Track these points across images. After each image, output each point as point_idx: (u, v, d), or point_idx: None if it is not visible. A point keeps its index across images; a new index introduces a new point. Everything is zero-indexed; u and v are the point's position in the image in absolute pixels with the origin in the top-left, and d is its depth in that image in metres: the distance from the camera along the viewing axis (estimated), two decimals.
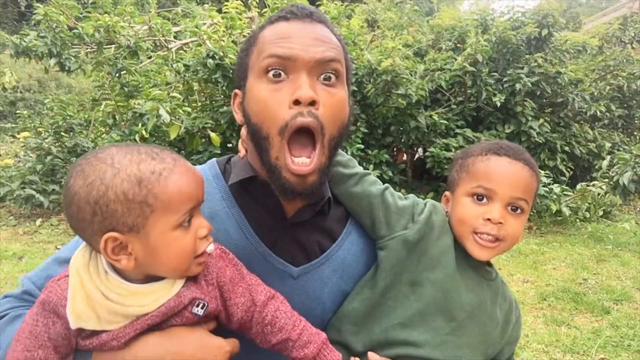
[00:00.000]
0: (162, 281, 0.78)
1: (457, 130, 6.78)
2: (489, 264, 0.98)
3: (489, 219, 0.89)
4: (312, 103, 0.83)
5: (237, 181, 0.94)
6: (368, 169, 6.42)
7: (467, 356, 0.89)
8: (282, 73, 0.84)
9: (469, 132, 6.71)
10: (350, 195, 0.98)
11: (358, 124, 6.50)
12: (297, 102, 0.82)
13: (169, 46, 6.03)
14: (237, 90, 0.96)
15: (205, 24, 6.33)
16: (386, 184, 1.03)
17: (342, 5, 6.73)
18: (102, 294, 0.74)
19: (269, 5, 6.38)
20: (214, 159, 1.05)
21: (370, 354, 0.90)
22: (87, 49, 5.80)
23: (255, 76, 0.87)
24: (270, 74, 0.84)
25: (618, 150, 7.05)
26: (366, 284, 0.96)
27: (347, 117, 0.92)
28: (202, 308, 0.80)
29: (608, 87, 7.59)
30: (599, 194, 5.80)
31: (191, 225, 0.76)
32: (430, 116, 6.63)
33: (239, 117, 0.95)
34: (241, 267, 0.87)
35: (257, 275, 0.88)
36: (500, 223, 0.89)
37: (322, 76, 0.86)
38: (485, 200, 0.91)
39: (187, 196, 0.74)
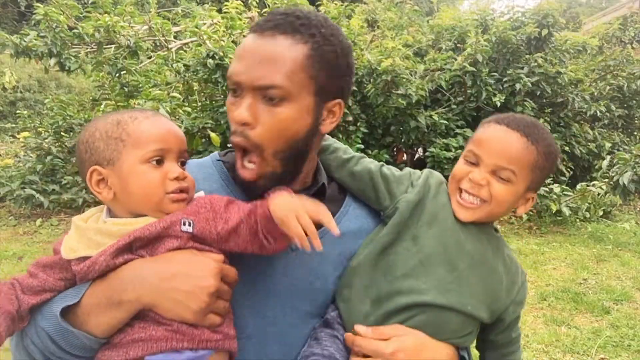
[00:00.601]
0: (148, 217, 0.84)
1: (457, 130, 6.78)
2: (495, 229, 1.03)
3: (471, 179, 0.94)
4: (245, 124, 0.88)
5: (229, 163, 1.03)
6: None
7: (473, 305, 0.92)
8: (237, 90, 0.91)
9: (469, 132, 6.71)
10: (353, 174, 1.05)
11: (358, 124, 6.50)
12: (233, 121, 0.90)
13: (169, 46, 6.03)
14: None
15: (205, 24, 6.34)
16: (382, 162, 1.10)
17: (342, 5, 6.74)
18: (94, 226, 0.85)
19: (269, 5, 6.39)
20: (217, 152, 1.12)
21: (356, 326, 0.93)
22: (87, 48, 5.80)
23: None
24: (232, 92, 0.92)
25: (618, 150, 7.06)
26: (371, 240, 1.01)
27: (300, 130, 0.92)
28: (189, 225, 0.83)
29: (608, 87, 7.59)
30: (599, 194, 5.80)
31: (163, 166, 0.85)
32: (430, 116, 6.63)
33: None
34: (227, 199, 0.91)
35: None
36: (481, 185, 0.93)
37: (266, 97, 0.88)
38: (475, 163, 0.97)
39: (156, 137, 0.84)
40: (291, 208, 0.79)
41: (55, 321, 0.79)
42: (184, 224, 0.83)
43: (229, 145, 1.07)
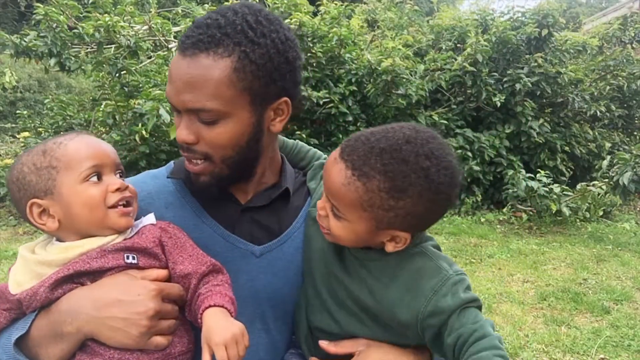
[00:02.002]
0: (92, 238, 0.84)
1: (457, 130, 6.78)
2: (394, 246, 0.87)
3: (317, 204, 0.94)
4: (189, 144, 0.89)
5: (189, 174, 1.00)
6: None
7: (380, 335, 0.89)
8: (176, 108, 0.89)
9: (469, 132, 6.71)
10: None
11: (358, 124, 6.50)
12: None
13: (169, 46, 6.03)
14: None
15: None
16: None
17: (342, 5, 6.73)
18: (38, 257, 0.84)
19: (268, 5, 6.39)
20: (173, 160, 1.11)
21: (320, 342, 0.91)
22: (87, 48, 5.80)
23: None
24: (172, 107, 0.92)
25: (618, 150, 7.05)
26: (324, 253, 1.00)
27: (243, 139, 0.90)
28: (133, 259, 0.83)
29: (608, 87, 7.59)
30: (599, 194, 5.80)
31: (102, 181, 0.85)
32: (430, 116, 6.63)
33: None
34: (185, 239, 0.90)
35: (219, 256, 0.91)
36: (320, 214, 0.90)
37: (200, 119, 0.87)
38: None
39: (86, 155, 0.84)
40: (225, 339, 0.74)
41: (10, 352, 0.79)
42: (128, 258, 0.83)
43: None
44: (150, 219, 0.90)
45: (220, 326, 0.76)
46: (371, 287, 0.87)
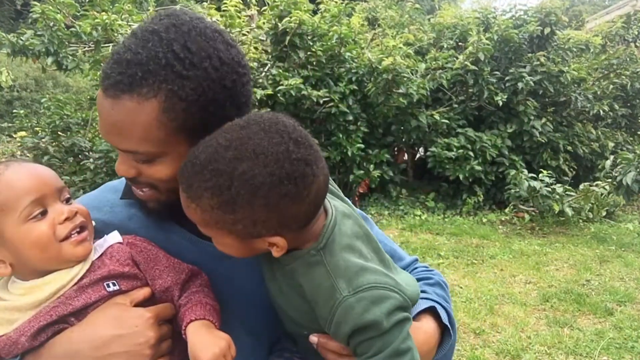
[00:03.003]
0: (57, 272, 0.79)
1: (459, 130, 6.79)
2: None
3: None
4: (131, 179, 0.85)
5: None
6: (369, 169, 6.46)
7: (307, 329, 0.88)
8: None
9: (470, 132, 6.72)
10: None
11: (358, 123, 6.50)
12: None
13: None
14: None
15: None
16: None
17: (342, 3, 6.74)
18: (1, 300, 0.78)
19: (268, 3, 6.39)
20: None
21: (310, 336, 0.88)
22: (84, 47, 5.80)
23: None
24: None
25: (621, 149, 7.06)
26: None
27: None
28: (114, 285, 0.79)
29: (611, 86, 7.59)
30: (602, 194, 5.80)
31: (47, 215, 0.77)
32: (432, 115, 6.63)
33: None
34: (157, 251, 0.87)
35: (192, 261, 0.88)
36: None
37: (134, 157, 0.83)
38: None
39: (23, 190, 0.76)
40: (213, 356, 0.73)
41: None
42: (109, 286, 0.79)
43: None
44: (115, 237, 0.85)
45: (205, 342, 0.75)
46: (288, 291, 0.85)
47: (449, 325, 0.94)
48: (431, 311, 0.95)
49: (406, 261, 1.10)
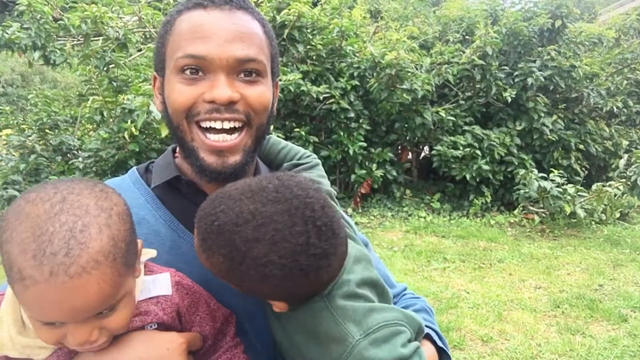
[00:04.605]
0: None
1: (466, 127, 6.79)
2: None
3: None
4: (232, 103, 0.86)
5: (162, 183, 0.96)
6: (371, 168, 6.47)
7: None
8: (199, 71, 0.86)
9: (477, 130, 6.72)
10: None
11: (360, 121, 6.50)
12: (212, 102, 0.86)
13: None
14: (156, 74, 0.99)
15: None
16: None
17: None
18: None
19: None
20: (135, 167, 1.07)
21: None
22: (73, 41, 5.80)
23: (171, 71, 0.89)
24: (187, 72, 0.87)
25: (636, 148, 7.06)
26: None
27: (272, 107, 0.96)
28: (154, 326, 0.80)
29: (625, 82, 7.60)
30: (615, 195, 5.80)
31: (64, 326, 0.71)
32: (437, 112, 6.63)
33: (158, 103, 0.98)
34: (199, 293, 0.88)
35: (199, 273, 0.89)
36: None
37: (242, 74, 0.88)
38: None
39: (40, 314, 0.69)
40: None
41: None
42: (150, 327, 0.80)
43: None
44: (165, 284, 0.83)
45: None
46: (292, 335, 0.88)
47: (445, 348, 1.00)
48: (426, 337, 0.99)
49: (397, 289, 1.14)
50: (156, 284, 0.83)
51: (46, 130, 6.45)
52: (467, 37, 7.66)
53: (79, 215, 0.68)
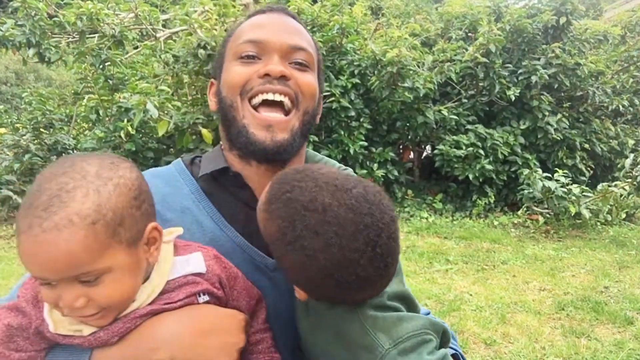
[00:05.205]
0: (148, 280, 0.80)
1: (468, 127, 6.79)
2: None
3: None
4: (284, 77, 0.94)
5: (207, 174, 1.00)
6: (372, 168, 6.47)
7: None
8: (255, 56, 0.96)
9: (480, 129, 6.72)
10: None
11: (361, 120, 6.50)
12: (267, 75, 0.94)
13: (157, 35, 6.03)
14: (213, 80, 1.08)
15: (196, 11, 6.34)
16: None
17: None
18: None
19: None
20: (180, 157, 1.10)
21: None
22: (68, 38, 5.80)
23: (230, 60, 0.99)
24: (244, 55, 0.96)
25: None
26: None
27: (318, 102, 1.04)
28: (205, 295, 0.83)
29: (631, 80, 7.59)
30: (621, 195, 5.79)
31: (56, 287, 0.72)
32: (439, 111, 6.63)
33: (212, 104, 1.06)
34: (235, 269, 0.91)
35: (237, 267, 0.92)
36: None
37: (294, 61, 0.98)
38: None
39: (26, 265, 0.70)
40: None
41: None
42: (200, 295, 0.83)
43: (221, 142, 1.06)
44: (199, 262, 0.85)
45: None
46: (319, 333, 0.90)
47: None
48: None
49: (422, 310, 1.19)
50: (190, 263, 0.85)
51: (41, 130, 6.46)
52: (470, 34, 7.66)
53: (75, 178, 0.72)
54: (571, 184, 5.82)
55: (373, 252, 0.75)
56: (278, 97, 0.94)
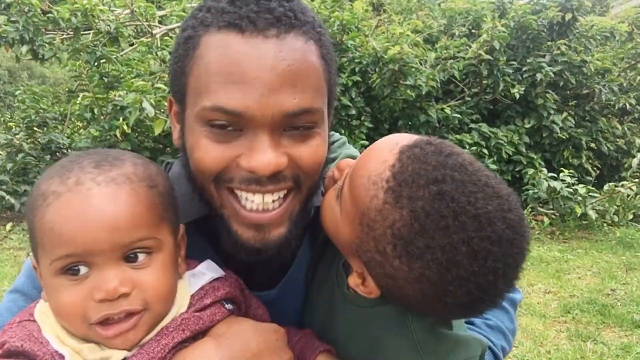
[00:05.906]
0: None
1: (472, 125, 6.78)
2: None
3: None
4: (277, 172, 0.71)
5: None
6: None
7: None
8: (237, 125, 0.70)
9: (484, 127, 6.71)
10: None
11: (362, 118, 6.50)
12: (252, 172, 0.70)
13: (153, 32, 6.03)
14: (172, 98, 0.84)
15: (193, 7, 6.35)
16: None
17: None
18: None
19: None
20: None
21: None
22: (62, 35, 5.79)
23: (195, 118, 0.72)
24: (216, 126, 0.70)
25: None
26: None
27: (327, 155, 0.81)
28: (230, 304, 0.81)
29: (639, 77, 7.59)
30: (628, 196, 5.79)
31: (88, 277, 0.63)
32: (442, 109, 6.63)
33: (175, 134, 0.83)
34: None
35: None
36: None
37: (294, 126, 0.72)
38: None
39: (60, 236, 0.60)
40: None
41: None
42: (226, 303, 0.80)
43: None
44: (215, 268, 0.82)
45: None
46: (346, 329, 0.86)
47: None
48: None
49: None
50: (208, 269, 0.82)
51: (34, 128, 6.45)
52: (473, 30, 7.66)
53: (114, 155, 0.69)
54: (577, 184, 5.82)
55: (503, 281, 0.64)
56: (270, 198, 0.74)
